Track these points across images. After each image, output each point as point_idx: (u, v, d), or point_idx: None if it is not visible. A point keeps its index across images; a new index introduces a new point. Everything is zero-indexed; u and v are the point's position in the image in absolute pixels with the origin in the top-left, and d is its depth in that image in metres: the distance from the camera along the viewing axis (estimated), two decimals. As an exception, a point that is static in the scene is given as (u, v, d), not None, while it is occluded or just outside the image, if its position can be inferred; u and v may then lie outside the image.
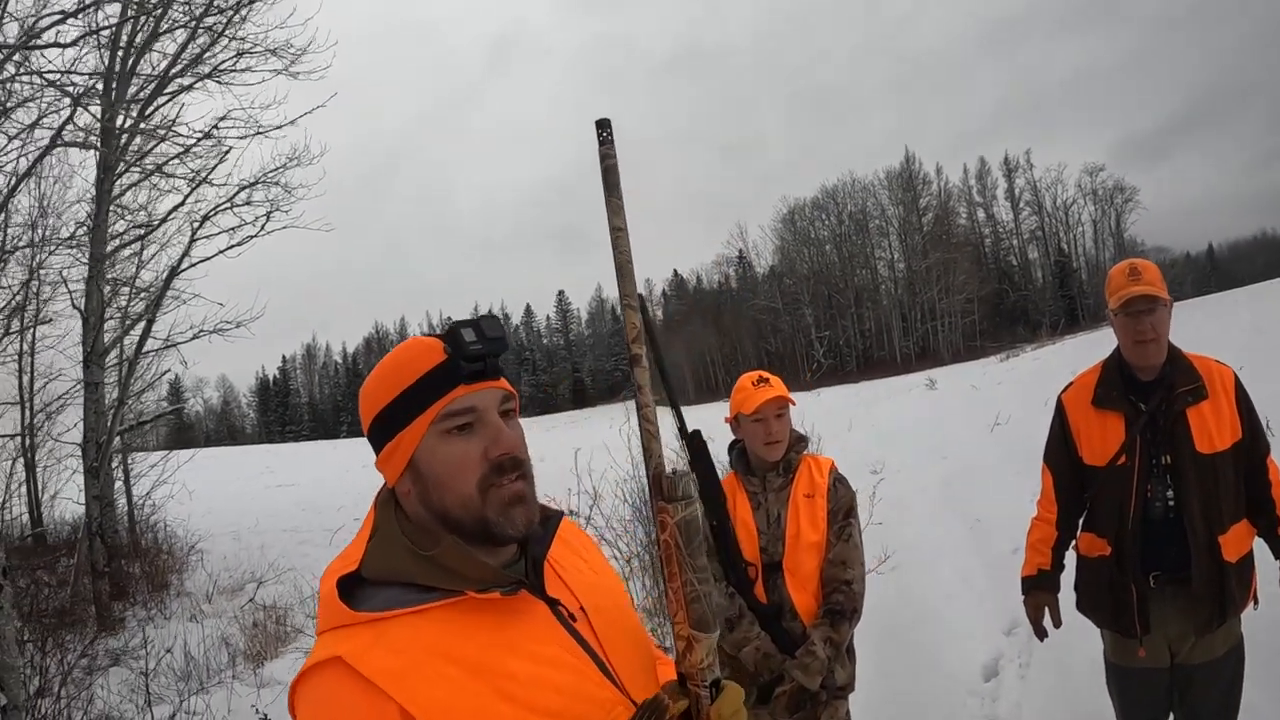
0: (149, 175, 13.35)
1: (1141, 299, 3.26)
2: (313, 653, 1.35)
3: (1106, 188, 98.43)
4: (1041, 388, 20.13)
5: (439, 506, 1.43)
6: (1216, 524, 3.26)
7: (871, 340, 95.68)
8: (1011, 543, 8.11)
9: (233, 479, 32.21)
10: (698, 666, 1.49)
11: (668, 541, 1.50)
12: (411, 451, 1.43)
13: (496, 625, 1.39)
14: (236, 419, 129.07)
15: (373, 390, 1.48)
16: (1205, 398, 3.29)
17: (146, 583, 11.87)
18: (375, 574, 1.39)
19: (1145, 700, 3.55)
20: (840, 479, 3.54)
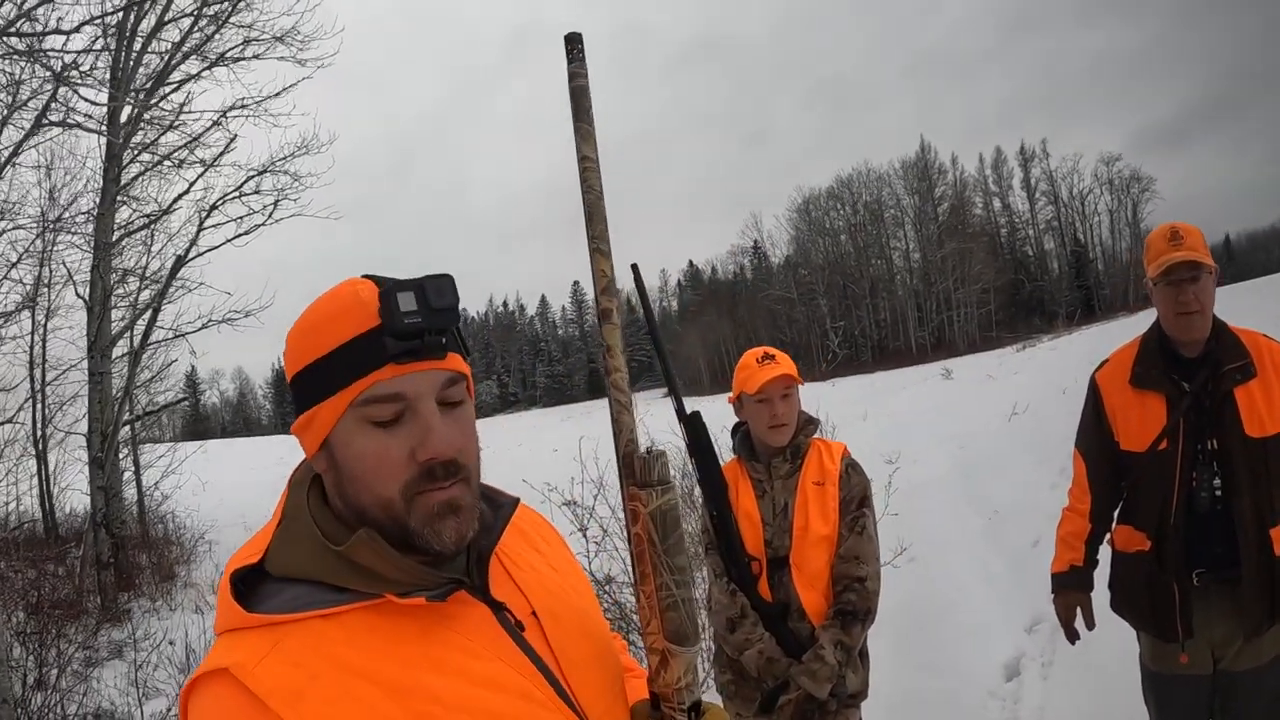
0: (157, 164, 13.26)
1: (1184, 265, 2.95)
2: (206, 658, 1.13)
3: (1123, 177, 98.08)
4: (1059, 377, 20.01)
5: (355, 502, 1.17)
6: (1268, 515, 2.96)
7: (887, 330, 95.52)
8: (1031, 535, 7.98)
9: (245, 469, 32.19)
10: (673, 686, 1.26)
11: (639, 535, 1.26)
12: (326, 432, 1.17)
13: (422, 635, 1.15)
14: (252, 410, 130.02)
15: (293, 342, 1.20)
16: (1254, 376, 2.98)
17: (153, 574, 11.80)
18: (279, 568, 1.16)
19: (1185, 710, 3.27)
20: (853, 465, 3.22)
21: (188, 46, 12.73)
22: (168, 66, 12.68)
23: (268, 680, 1.05)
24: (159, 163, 13.22)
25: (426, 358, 1.15)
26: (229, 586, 1.14)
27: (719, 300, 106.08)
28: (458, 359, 1.20)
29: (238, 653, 1.08)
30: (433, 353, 1.16)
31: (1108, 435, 3.26)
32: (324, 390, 1.15)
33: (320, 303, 1.19)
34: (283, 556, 1.17)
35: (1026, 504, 9.19)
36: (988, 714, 4.87)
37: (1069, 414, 12.21)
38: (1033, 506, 8.97)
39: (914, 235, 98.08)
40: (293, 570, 1.16)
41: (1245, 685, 3.13)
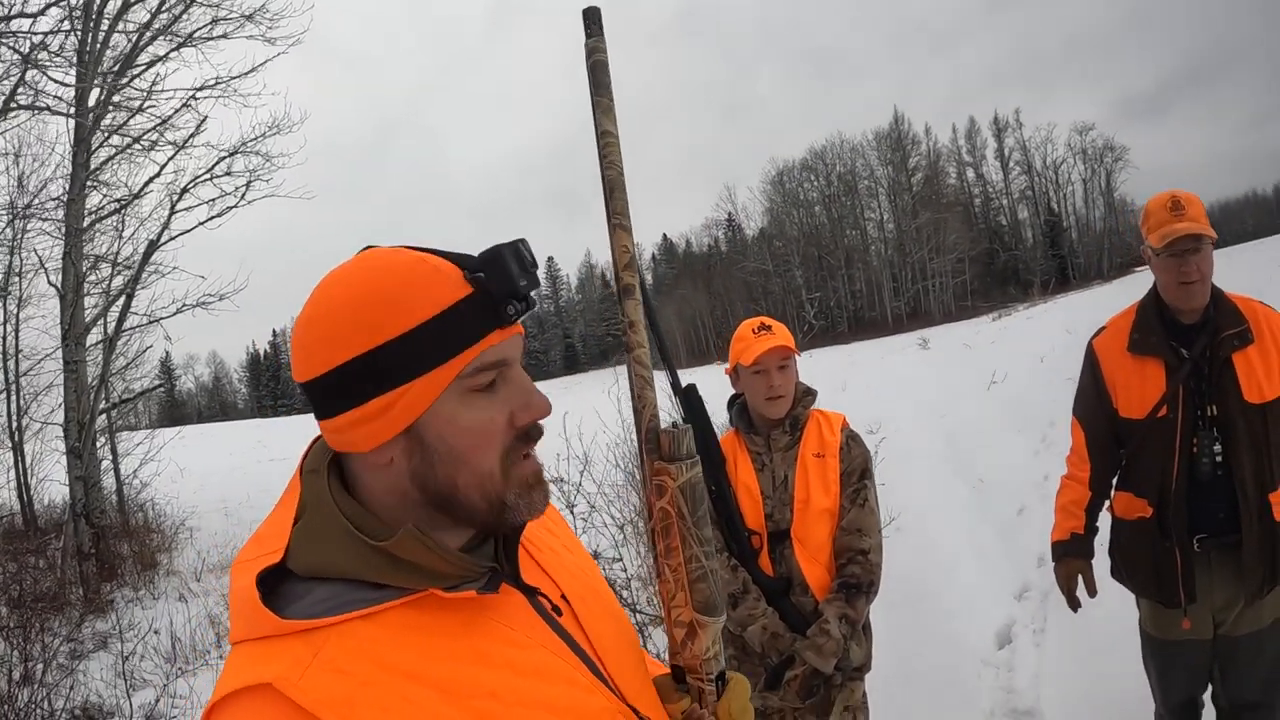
0: (127, 148, 13.11)
1: (1187, 238, 2.94)
2: (227, 671, 1.01)
3: (1096, 147, 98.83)
4: (1036, 346, 20.14)
5: (445, 485, 1.08)
6: (1268, 480, 2.97)
7: (862, 301, 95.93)
8: (1016, 503, 8.04)
9: (224, 454, 32.06)
10: (701, 657, 1.25)
11: (667, 509, 1.24)
12: (420, 413, 1.06)
13: (465, 628, 1.07)
14: (228, 394, 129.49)
15: (346, 322, 1.05)
16: (1252, 342, 2.98)
17: (135, 562, 11.71)
18: (306, 568, 1.05)
19: (1186, 675, 3.30)
20: (854, 436, 3.18)
21: (156, 27, 12.57)
22: (135, 48, 12.51)
23: (316, 691, 0.95)
24: (129, 146, 13.05)
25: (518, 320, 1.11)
26: (254, 589, 1.01)
27: (694, 274, 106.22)
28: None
29: (275, 663, 0.96)
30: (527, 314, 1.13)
31: (1107, 403, 3.24)
32: (421, 365, 1.05)
33: (373, 277, 1.07)
34: (310, 554, 1.06)
35: (1010, 472, 9.26)
36: (983, 683, 4.88)
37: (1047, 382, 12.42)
38: (1016, 475, 9.04)
39: (888, 206, 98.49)
40: (323, 568, 1.05)
41: (1246, 649, 3.15)
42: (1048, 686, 4.66)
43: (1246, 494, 2.97)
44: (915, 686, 4.78)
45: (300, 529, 1.07)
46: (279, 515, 1.12)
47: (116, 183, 13.30)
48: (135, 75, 12.86)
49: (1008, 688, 4.80)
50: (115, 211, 13.12)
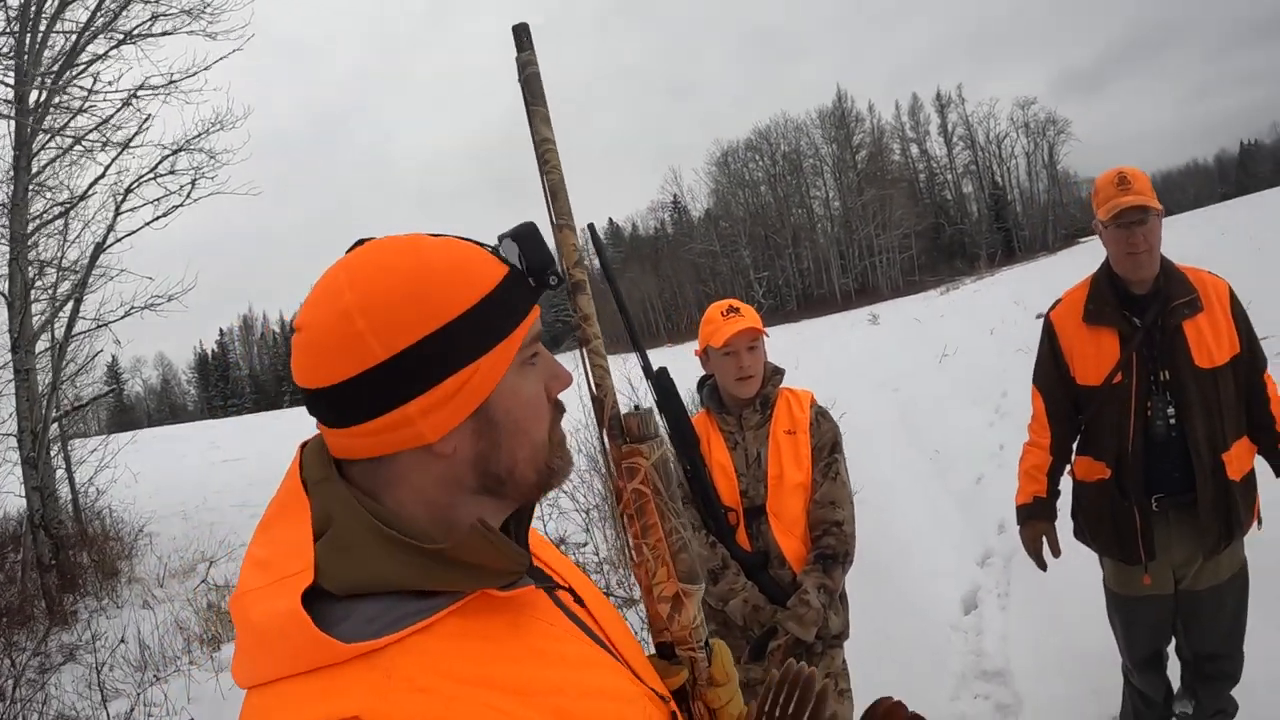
0: (69, 149, 12.91)
1: (1133, 210, 3.07)
2: (277, 707, 0.89)
3: (1039, 120, 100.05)
4: (985, 318, 20.38)
5: (507, 463, 1.06)
6: (1220, 441, 3.12)
7: (811, 279, 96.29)
8: (974, 472, 8.18)
9: (178, 458, 31.67)
10: (690, 626, 1.28)
11: (641, 490, 1.25)
12: (492, 388, 1.03)
13: (513, 628, 1.03)
14: (178, 396, 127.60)
15: (412, 300, 0.99)
16: (1201, 310, 3.13)
17: (96, 572, 11.57)
18: (345, 585, 0.94)
19: (1150, 629, 3.43)
20: (823, 412, 3.28)
21: (95, 25, 12.37)
22: (75, 47, 12.31)
23: (408, 716, 0.88)
24: (71, 147, 12.86)
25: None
26: (302, 614, 0.89)
27: (641, 257, 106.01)
28: None
29: (351, 694, 0.87)
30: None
31: (1064, 371, 3.37)
32: (485, 342, 1.02)
33: (432, 256, 1.03)
34: (348, 569, 0.95)
35: (966, 443, 9.40)
36: (952, 647, 5.00)
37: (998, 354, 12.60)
38: (972, 445, 9.19)
39: (833, 184, 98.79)
40: (366, 583, 0.95)
41: (1207, 603, 3.29)
42: (1015, 648, 4.79)
43: (1200, 454, 3.10)
44: (888, 654, 4.87)
45: (330, 543, 0.97)
46: (286, 534, 1.00)
47: (60, 186, 13.10)
48: (76, 75, 12.67)
49: (977, 651, 4.92)
50: (60, 215, 12.91)
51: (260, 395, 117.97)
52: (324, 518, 0.99)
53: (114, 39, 12.67)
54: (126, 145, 12.99)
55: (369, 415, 0.99)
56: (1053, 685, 4.31)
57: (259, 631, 0.91)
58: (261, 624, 0.91)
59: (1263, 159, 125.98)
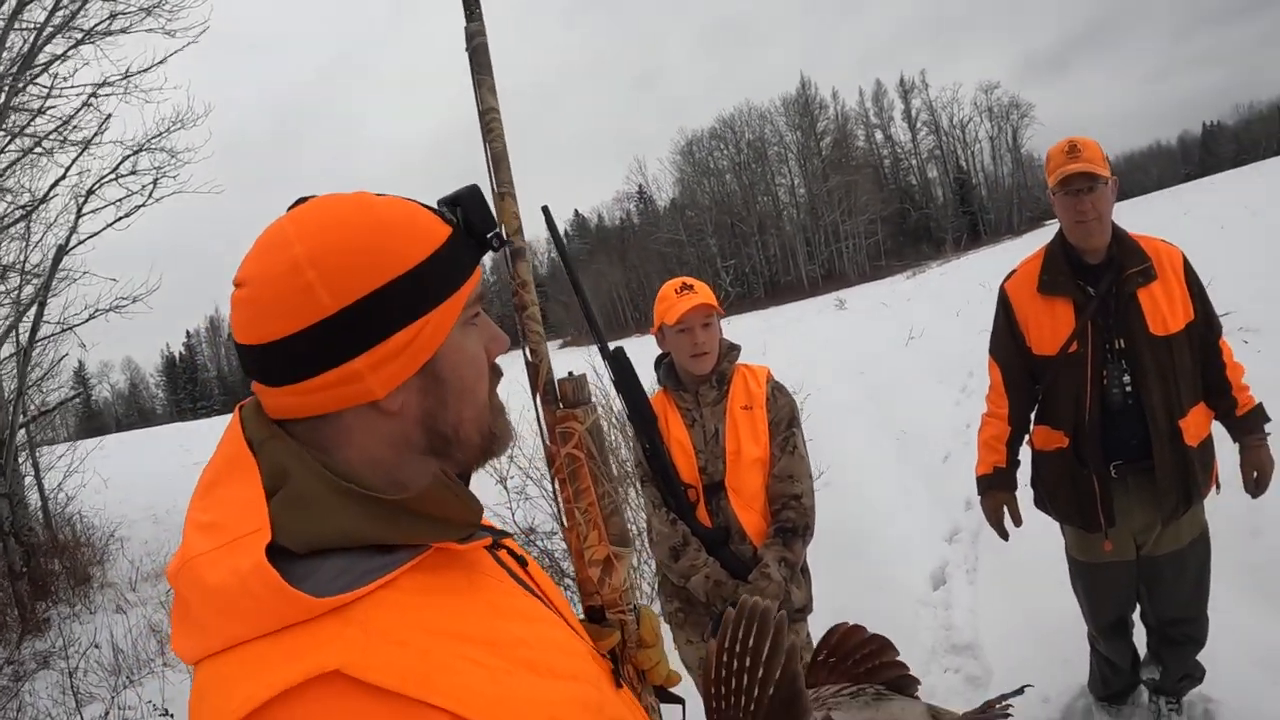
0: (29, 151, 12.77)
1: (1080, 176, 3.10)
2: (235, 679, 0.85)
3: (1002, 105, 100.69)
4: (951, 301, 20.53)
5: (452, 422, 1.05)
6: (1176, 408, 3.15)
7: (778, 266, 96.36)
8: (941, 451, 8.24)
9: (147, 461, 31.38)
10: (620, 589, 1.32)
11: (575, 454, 1.30)
12: (440, 343, 1.02)
13: (469, 583, 1.03)
14: (146, 400, 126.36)
15: (364, 250, 0.98)
16: (1155, 279, 3.15)
17: (68, 578, 11.48)
18: (306, 542, 0.91)
19: (1113, 595, 3.47)
20: (779, 387, 3.28)
21: (54, 24, 12.22)
22: (34, 48, 12.17)
23: (390, 667, 0.85)
24: (31, 149, 12.73)
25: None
26: (269, 570, 0.86)
27: (608, 247, 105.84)
28: None
29: (328, 647, 0.84)
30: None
31: (1020, 341, 3.39)
32: (432, 298, 1.01)
33: (383, 210, 1.02)
34: (307, 525, 0.92)
35: (933, 422, 9.45)
36: (921, 622, 5.04)
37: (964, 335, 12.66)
38: (939, 424, 9.24)
39: (798, 170, 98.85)
40: (326, 539, 0.92)
41: (1169, 568, 3.32)
42: (984, 621, 4.83)
43: (1157, 421, 3.13)
44: (857, 629, 4.88)
45: (286, 500, 0.93)
46: (234, 494, 0.96)
47: (20, 188, 12.97)
48: (35, 75, 12.53)
49: (946, 625, 4.96)
50: (22, 218, 12.78)
51: (229, 397, 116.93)
52: (276, 475, 0.96)
53: (72, 38, 12.54)
54: (87, 145, 12.88)
55: (316, 370, 0.96)
56: (1021, 656, 4.35)
57: (217, 594, 0.87)
58: (220, 586, 0.87)
59: (1225, 140, 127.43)
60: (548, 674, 1.00)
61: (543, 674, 0.99)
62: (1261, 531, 4.55)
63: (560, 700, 0.99)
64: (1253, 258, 12.57)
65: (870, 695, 1.48)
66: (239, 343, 1.00)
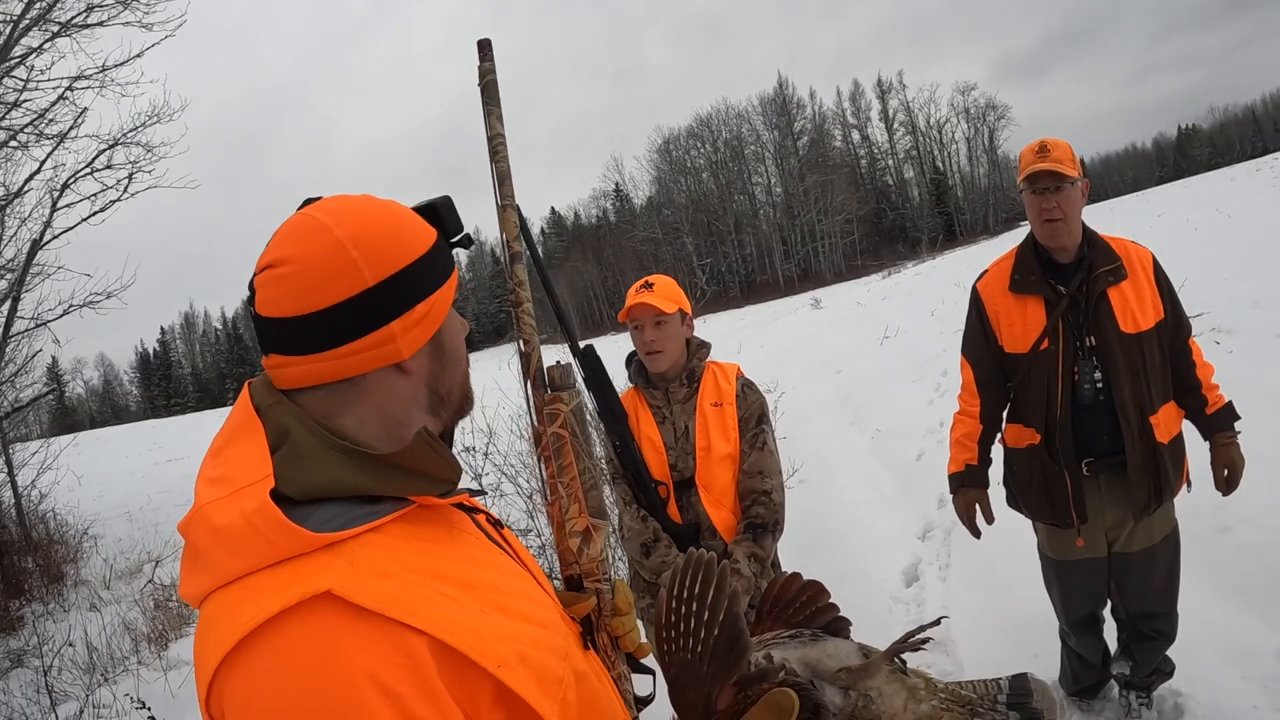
0: (4, 144, 12.68)
1: (1047, 175, 3.14)
2: (240, 605, 0.97)
3: (979, 106, 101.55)
4: (926, 301, 20.62)
5: (449, 383, 1.24)
6: (1146, 405, 3.18)
7: (754, 265, 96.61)
8: (914, 450, 8.29)
9: (120, 458, 31.22)
10: (598, 559, 1.43)
11: (560, 433, 1.44)
12: (442, 318, 1.20)
13: (450, 536, 1.16)
14: (120, 397, 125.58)
15: (394, 236, 1.15)
16: (1125, 278, 3.19)
17: (42, 576, 11.41)
18: (303, 490, 1.03)
19: (1085, 592, 3.50)
20: (749, 384, 3.30)
21: (30, 17, 12.14)
22: (9, 41, 12.08)
23: (375, 593, 0.97)
24: (6, 143, 12.64)
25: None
26: (274, 509, 0.99)
27: (584, 245, 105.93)
28: None
29: (322, 575, 0.97)
30: None
31: (992, 340, 3.42)
32: (436, 280, 1.19)
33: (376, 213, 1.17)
34: (306, 475, 1.05)
35: (906, 421, 9.51)
36: (894, 618, 5.07)
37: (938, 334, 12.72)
38: (913, 423, 9.29)
39: (775, 170, 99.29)
40: (322, 488, 1.05)
41: (1140, 564, 3.36)
42: (956, 616, 4.84)
43: (1128, 417, 3.17)
44: (830, 625, 4.92)
45: (287, 454, 1.06)
46: (242, 451, 1.08)
47: (-7, 182, 12.90)
48: (10, 69, 12.44)
49: (918, 621, 4.93)
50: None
51: (203, 394, 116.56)
52: (279, 434, 1.09)
53: (49, 30, 12.46)
54: (62, 139, 12.82)
55: (357, 334, 1.11)
56: (993, 651, 4.38)
57: (225, 533, 1.00)
58: (228, 525, 1.00)
59: (1200, 143, 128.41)
60: (518, 617, 1.12)
61: (514, 617, 1.11)
62: (1230, 528, 4.60)
63: (529, 640, 1.10)
64: (1226, 260, 12.70)
65: (807, 636, 1.68)
66: (270, 316, 1.11)
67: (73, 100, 12.84)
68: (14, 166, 13.06)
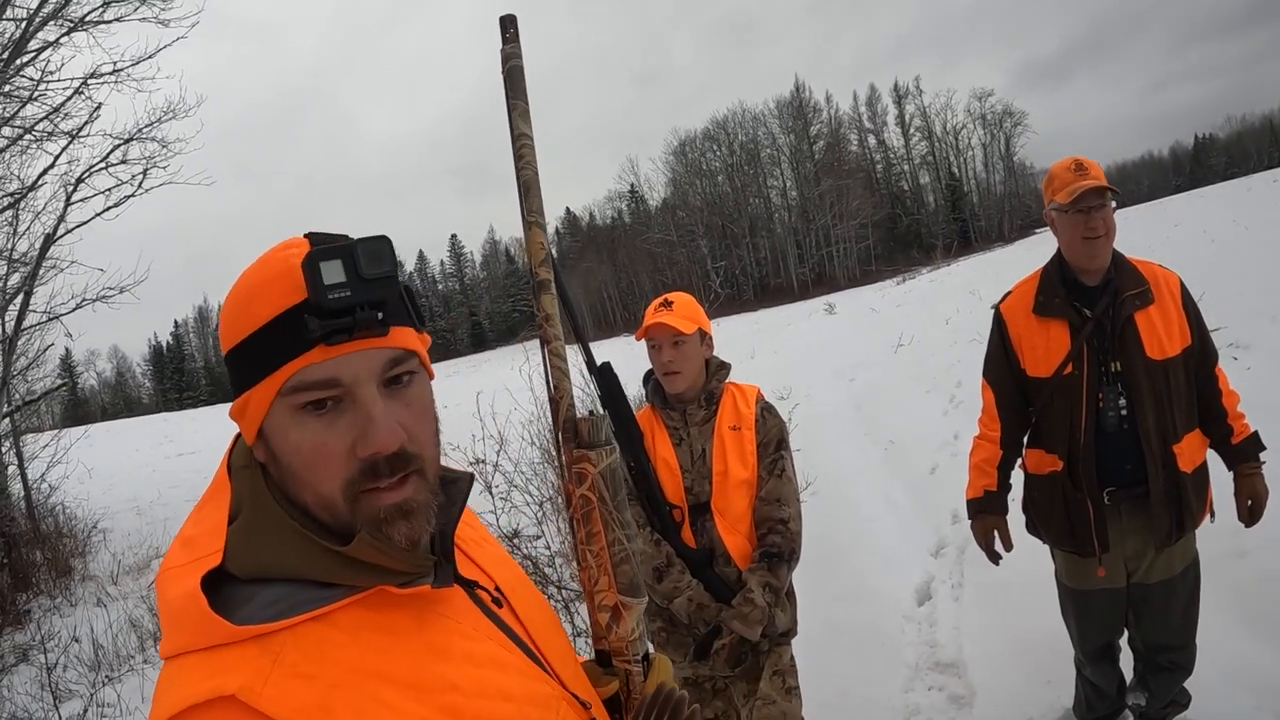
0: (19, 139, 12.69)
1: (1094, 192, 3.06)
2: (170, 686, 0.94)
3: (995, 112, 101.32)
4: (941, 308, 20.52)
5: (297, 498, 1.04)
6: (1170, 433, 3.11)
7: (768, 268, 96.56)
8: (928, 463, 8.22)
9: (131, 451, 31.29)
10: (626, 639, 1.30)
11: (588, 496, 1.28)
12: (259, 421, 1.04)
13: (417, 623, 1.05)
14: (132, 389, 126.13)
15: (225, 315, 1.06)
16: (1152, 302, 3.12)
17: (49, 570, 11.39)
18: (250, 570, 0.99)
19: (1102, 622, 3.43)
20: (769, 408, 3.20)
21: (45, 12, 12.12)
22: (25, 35, 12.07)
23: (287, 699, 0.91)
24: (20, 137, 12.63)
25: (362, 336, 1.01)
26: (199, 594, 0.94)
27: (598, 246, 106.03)
28: (405, 333, 1.07)
29: (233, 674, 0.91)
30: (369, 330, 1.01)
31: (1015, 364, 3.35)
32: (254, 374, 1.02)
33: (251, 270, 1.04)
34: (253, 554, 1.00)
35: (920, 433, 9.43)
36: (906, 638, 5.01)
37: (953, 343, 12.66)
38: (927, 435, 9.22)
39: (790, 174, 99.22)
40: (269, 569, 0.99)
41: (1159, 595, 3.28)
42: (969, 639, 4.80)
43: (1151, 446, 3.09)
44: (840, 645, 4.89)
45: (239, 529, 1.01)
46: (208, 515, 1.04)
47: (9, 176, 12.88)
48: (25, 63, 12.44)
49: (930, 642, 4.93)
50: (9, 206, 12.69)
51: (215, 387, 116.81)
52: (235, 504, 1.04)
53: (64, 25, 12.45)
54: (76, 135, 12.82)
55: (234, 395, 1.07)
56: (1006, 676, 4.32)
57: (170, 608, 0.97)
58: (172, 601, 0.96)
59: (1216, 152, 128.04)
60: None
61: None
62: (1247, 554, 4.51)
63: None
64: (1244, 273, 12.57)
65: None
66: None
67: (88, 95, 12.84)
68: (29, 161, 13.09)
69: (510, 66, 1.29)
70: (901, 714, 4.32)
